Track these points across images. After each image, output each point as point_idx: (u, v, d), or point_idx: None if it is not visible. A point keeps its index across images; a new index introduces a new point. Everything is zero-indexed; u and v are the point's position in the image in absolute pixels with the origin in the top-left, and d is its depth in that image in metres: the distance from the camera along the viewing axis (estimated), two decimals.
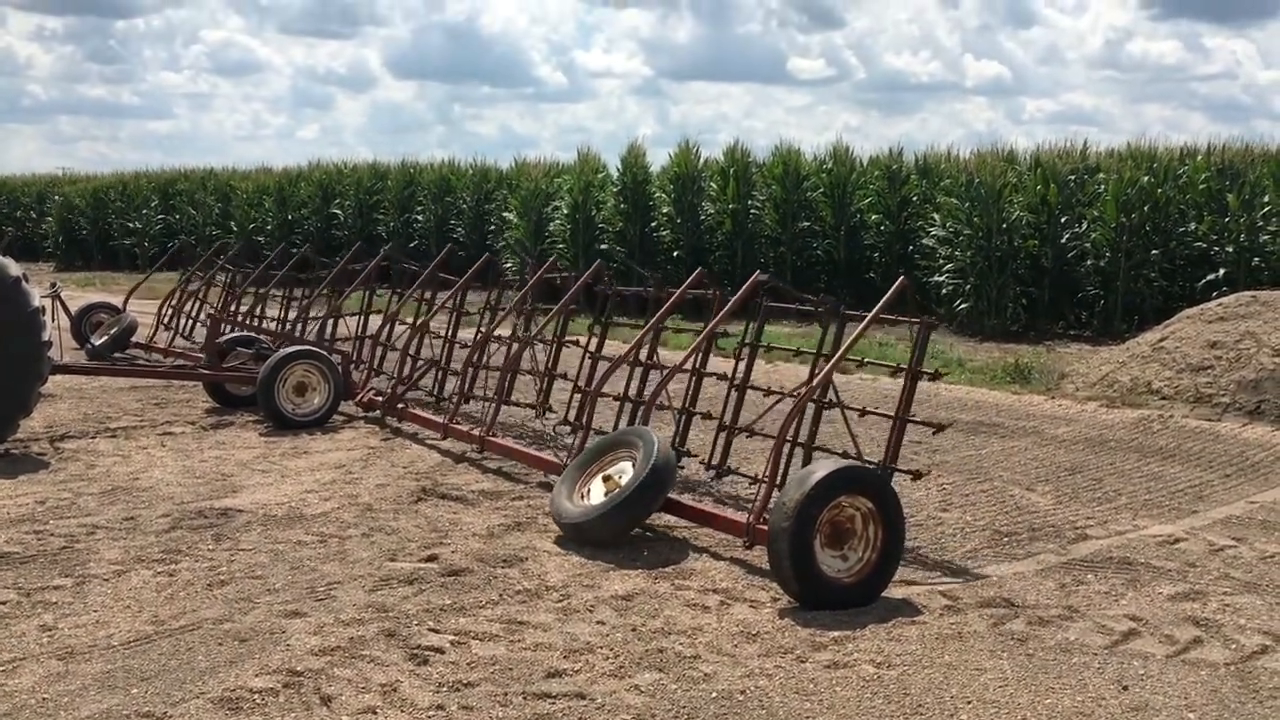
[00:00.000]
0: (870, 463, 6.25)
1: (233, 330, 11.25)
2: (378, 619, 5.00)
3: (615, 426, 7.90)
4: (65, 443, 8.69)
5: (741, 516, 6.00)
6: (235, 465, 7.99)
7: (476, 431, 8.29)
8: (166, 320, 14.05)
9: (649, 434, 6.47)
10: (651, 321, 7.77)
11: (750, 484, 7.07)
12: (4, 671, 4.42)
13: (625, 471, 6.39)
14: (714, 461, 7.25)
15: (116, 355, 12.54)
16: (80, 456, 8.21)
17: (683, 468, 7.33)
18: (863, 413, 6.71)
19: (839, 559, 5.45)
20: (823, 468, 5.45)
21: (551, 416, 9.04)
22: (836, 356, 6.44)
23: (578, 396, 8.28)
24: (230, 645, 4.70)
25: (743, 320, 7.56)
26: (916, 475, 6.26)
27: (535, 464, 7.75)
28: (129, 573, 5.60)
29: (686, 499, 6.63)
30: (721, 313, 7.24)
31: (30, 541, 6.07)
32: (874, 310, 6.39)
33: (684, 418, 7.58)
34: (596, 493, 6.42)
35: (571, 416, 8.29)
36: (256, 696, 4.21)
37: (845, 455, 6.39)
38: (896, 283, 6.46)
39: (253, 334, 11.22)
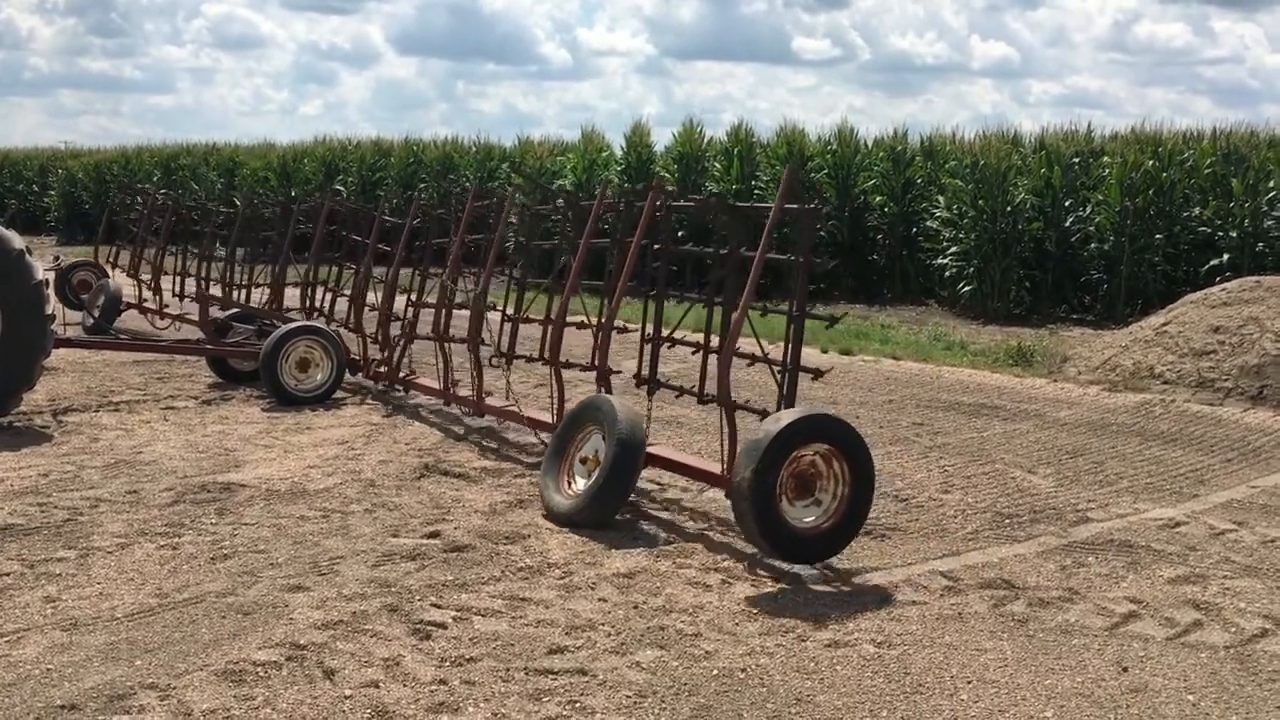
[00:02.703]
0: (775, 363, 6.07)
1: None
2: (380, 594, 5.02)
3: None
4: (68, 416, 8.70)
5: (716, 465, 6.03)
6: (238, 440, 8.01)
7: (471, 395, 8.37)
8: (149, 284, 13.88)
9: (606, 403, 6.37)
10: (585, 235, 7.47)
11: (677, 396, 6.88)
12: (8, 642, 4.44)
13: (599, 447, 6.32)
14: (644, 373, 7.05)
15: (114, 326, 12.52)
16: (83, 430, 8.22)
17: (618, 372, 7.25)
18: (763, 311, 6.32)
19: (813, 505, 5.48)
20: (766, 430, 5.35)
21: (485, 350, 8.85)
22: (760, 250, 6.02)
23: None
24: (233, 618, 4.72)
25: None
26: (817, 374, 6.12)
27: (528, 424, 7.81)
28: (132, 545, 5.61)
29: (663, 448, 6.63)
30: (642, 223, 6.90)
31: (34, 513, 6.09)
32: (775, 203, 6.11)
33: (601, 334, 7.31)
34: (580, 476, 6.39)
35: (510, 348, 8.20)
36: (260, 669, 4.23)
37: (754, 359, 6.15)
38: (786, 171, 6.29)
39: (251, 309, 11.24)
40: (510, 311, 8.21)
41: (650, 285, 7.06)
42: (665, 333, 6.90)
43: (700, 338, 6.73)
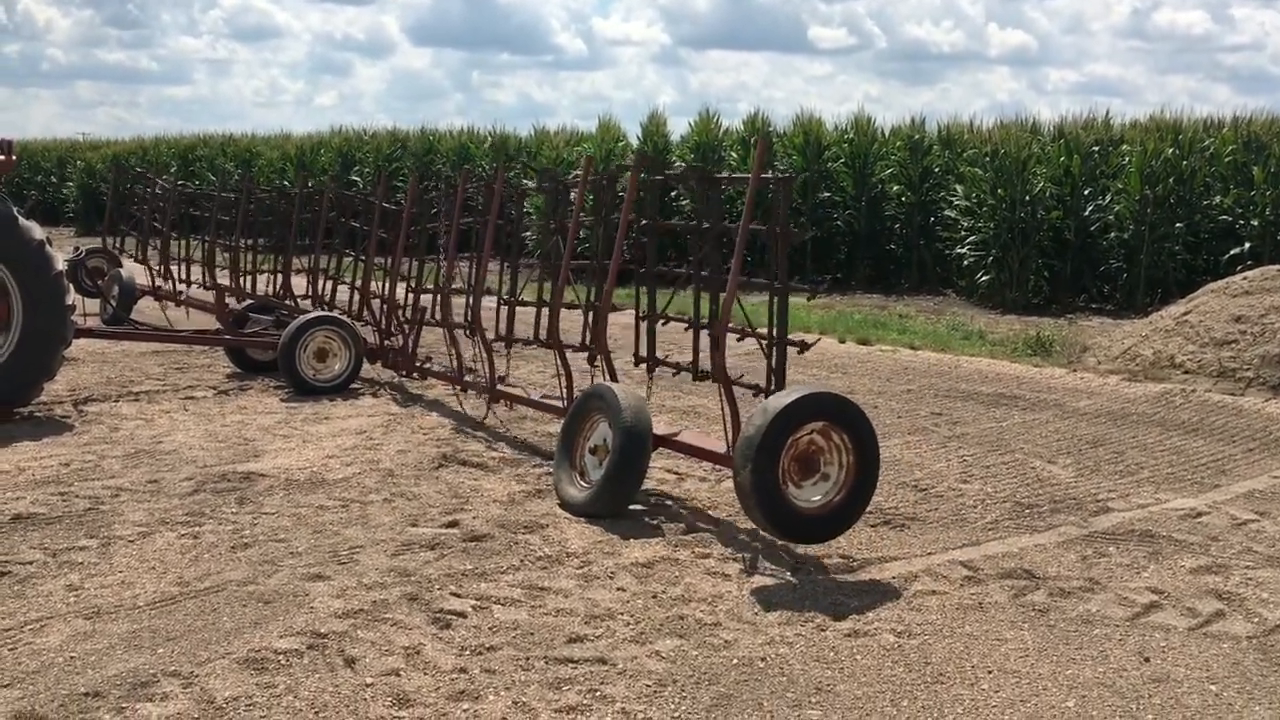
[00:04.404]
0: (762, 336, 6.02)
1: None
2: (400, 583, 5.03)
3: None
4: (88, 406, 8.75)
5: (719, 445, 6.10)
6: (257, 430, 8.03)
7: (484, 382, 8.37)
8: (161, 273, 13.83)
9: (609, 391, 6.34)
10: (575, 214, 7.51)
11: (675, 374, 6.96)
12: (32, 630, 4.47)
13: (607, 435, 6.29)
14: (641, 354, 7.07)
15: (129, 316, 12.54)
16: (103, 420, 8.26)
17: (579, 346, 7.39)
18: (748, 279, 6.33)
19: (821, 481, 5.49)
20: (755, 425, 5.30)
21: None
22: (743, 223, 6.08)
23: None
24: (254, 607, 4.74)
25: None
26: (804, 346, 6.08)
27: (540, 409, 7.86)
28: (153, 534, 5.64)
29: (670, 431, 6.64)
30: (630, 195, 6.86)
31: (56, 503, 6.12)
32: (752, 174, 6.10)
33: (591, 313, 7.35)
34: (592, 467, 6.36)
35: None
36: (281, 657, 4.25)
37: (743, 334, 6.15)
38: (759, 142, 6.27)
39: (269, 299, 11.27)
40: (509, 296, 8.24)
41: (639, 263, 7.07)
42: (659, 311, 6.91)
43: (696, 315, 6.68)
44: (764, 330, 6.05)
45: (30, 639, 4.39)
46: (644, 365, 7.06)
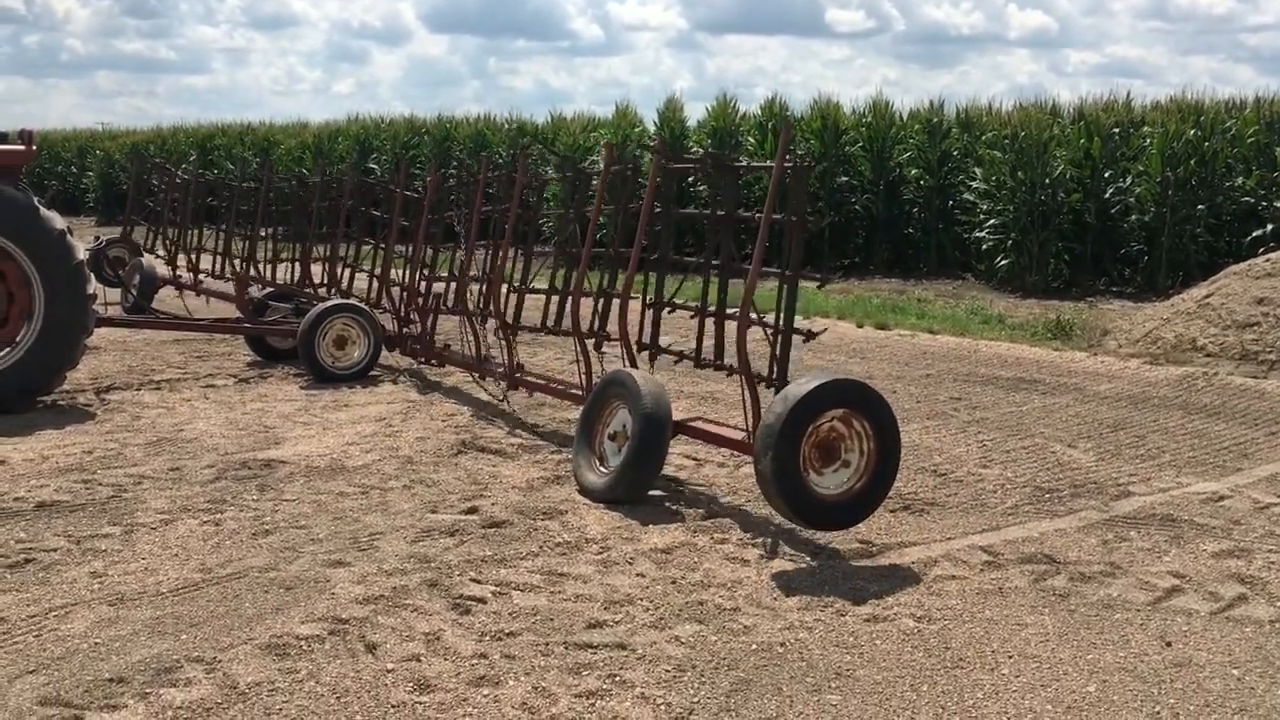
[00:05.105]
0: (768, 325, 5.99)
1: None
2: (420, 569, 5.05)
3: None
4: (110, 394, 8.81)
5: (738, 433, 6.10)
6: (277, 417, 8.07)
7: (503, 370, 8.38)
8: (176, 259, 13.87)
9: (629, 377, 6.33)
10: (597, 201, 7.53)
11: (675, 362, 6.94)
12: (57, 616, 4.51)
13: (627, 421, 6.29)
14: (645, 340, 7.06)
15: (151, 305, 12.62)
16: (125, 408, 8.32)
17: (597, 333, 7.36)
18: (762, 273, 6.21)
19: (842, 468, 5.48)
20: (775, 414, 5.30)
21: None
22: (765, 211, 5.99)
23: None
24: (276, 593, 4.77)
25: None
26: (809, 335, 6.06)
27: (560, 395, 7.88)
28: (176, 521, 5.68)
29: (689, 418, 6.64)
30: (652, 183, 6.90)
31: (79, 490, 6.17)
32: (776, 162, 6.03)
33: (601, 302, 7.37)
34: (611, 453, 6.36)
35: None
36: (303, 643, 4.27)
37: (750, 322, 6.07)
38: (782, 128, 6.21)
39: (289, 288, 11.31)
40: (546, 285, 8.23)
41: (653, 250, 7.07)
42: (667, 299, 6.90)
43: (711, 305, 6.66)
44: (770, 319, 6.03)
45: (55, 625, 4.43)
46: (645, 353, 7.04)
